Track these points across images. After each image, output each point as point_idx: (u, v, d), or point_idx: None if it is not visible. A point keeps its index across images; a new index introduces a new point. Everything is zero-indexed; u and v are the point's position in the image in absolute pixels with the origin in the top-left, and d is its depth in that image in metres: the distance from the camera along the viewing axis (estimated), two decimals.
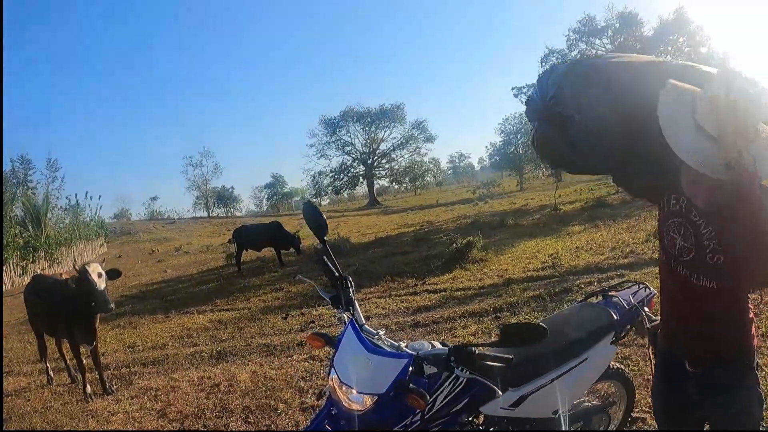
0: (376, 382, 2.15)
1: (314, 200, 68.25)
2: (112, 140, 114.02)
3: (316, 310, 8.31)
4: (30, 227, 23.95)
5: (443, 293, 8.34)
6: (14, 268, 20.70)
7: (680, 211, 2.02)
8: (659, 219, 2.17)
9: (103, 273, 5.48)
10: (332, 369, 2.30)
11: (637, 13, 32.13)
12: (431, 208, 34.79)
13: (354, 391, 2.17)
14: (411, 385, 2.10)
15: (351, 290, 2.62)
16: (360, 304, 7.99)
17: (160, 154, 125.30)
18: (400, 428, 2.19)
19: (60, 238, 24.20)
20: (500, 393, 2.18)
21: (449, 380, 2.27)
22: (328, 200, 68.34)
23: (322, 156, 61.19)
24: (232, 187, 70.05)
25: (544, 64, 33.41)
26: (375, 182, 61.97)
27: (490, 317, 6.72)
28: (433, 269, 10.24)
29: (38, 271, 20.23)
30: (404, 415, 2.18)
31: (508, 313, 6.74)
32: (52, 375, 6.60)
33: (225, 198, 67.75)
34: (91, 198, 30.60)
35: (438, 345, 2.38)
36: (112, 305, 5.46)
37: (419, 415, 2.19)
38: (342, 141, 60.82)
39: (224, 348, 6.97)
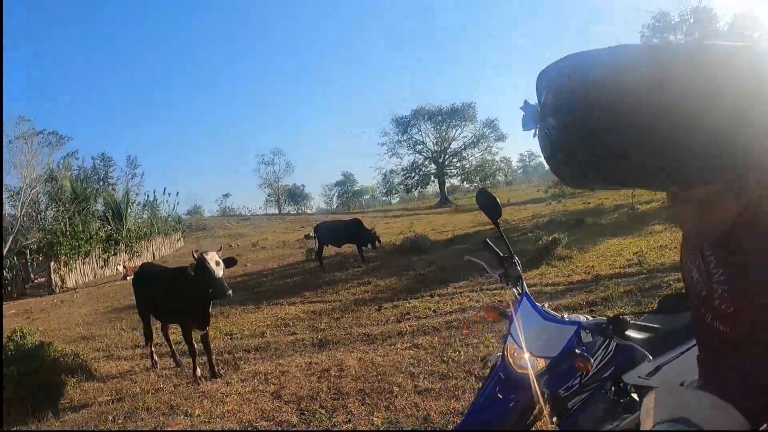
0: (550, 346, 2.38)
1: (386, 198, 68.85)
2: (187, 138, 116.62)
3: (409, 303, 8.46)
4: (111, 222, 25.13)
5: (533, 288, 8.35)
6: (96, 260, 21.85)
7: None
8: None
9: (221, 261, 5.77)
10: (509, 336, 2.54)
11: (711, 8, 31.19)
12: (503, 207, 33.95)
13: (528, 355, 2.40)
14: (577, 350, 2.31)
15: (519, 268, 2.82)
16: (452, 298, 8.22)
17: (233, 152, 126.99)
18: (563, 390, 2.43)
19: (140, 232, 25.36)
20: (651, 358, 2.28)
21: (602, 348, 2.48)
22: (398, 198, 68.57)
23: (393, 155, 61.54)
24: (303, 185, 71.37)
25: None
26: (446, 181, 61.62)
27: (584, 310, 6.68)
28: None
29: (121, 264, 21.33)
30: (567, 378, 2.43)
31: (602, 307, 6.74)
32: (157, 359, 6.97)
33: (296, 195, 69.14)
34: (168, 194, 31.99)
35: (590, 318, 2.57)
36: (230, 291, 5.71)
37: (578, 378, 2.42)
38: (413, 140, 60.99)
39: (324, 336, 7.18)
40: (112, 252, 22.72)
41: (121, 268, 20.31)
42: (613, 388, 2.60)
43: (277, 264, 17.33)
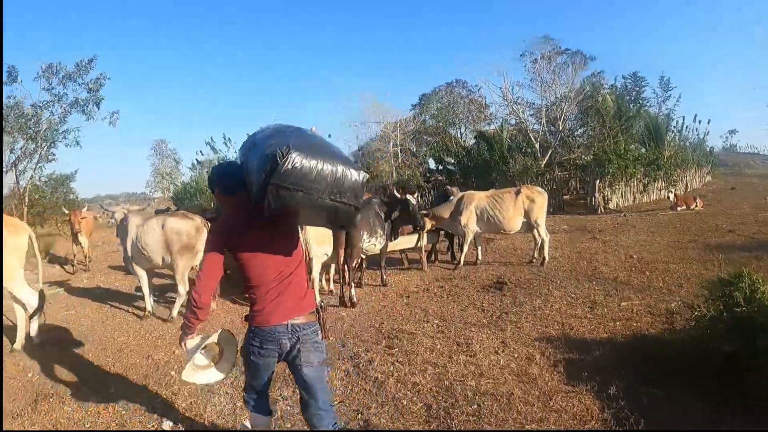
0: None
1: None
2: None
3: None
4: (650, 145, 23.83)
5: None
6: (636, 185, 21.43)
7: None
8: None
9: None
10: None
11: None
12: None
13: None
14: None
15: None
16: None
17: (743, 85, 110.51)
18: None
19: (677, 160, 23.52)
20: None
21: None
22: None
23: None
24: None
25: None
26: None
27: None
28: None
29: (672, 192, 19.60)
30: None
31: None
32: None
33: None
34: (699, 122, 29.04)
35: None
36: None
37: None
38: None
39: None
40: (653, 177, 21.79)
41: (672, 197, 19.09)
42: None
43: None
